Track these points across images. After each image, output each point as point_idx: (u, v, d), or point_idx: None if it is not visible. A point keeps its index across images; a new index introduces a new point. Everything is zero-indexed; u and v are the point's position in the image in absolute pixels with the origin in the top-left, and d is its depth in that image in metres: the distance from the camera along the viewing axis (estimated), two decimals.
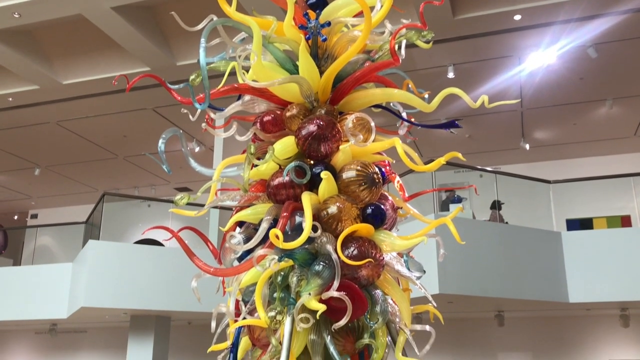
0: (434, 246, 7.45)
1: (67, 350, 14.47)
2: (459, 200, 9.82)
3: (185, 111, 2.88)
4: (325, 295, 2.19)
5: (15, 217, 18.60)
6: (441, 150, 2.39)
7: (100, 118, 11.97)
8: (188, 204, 2.68)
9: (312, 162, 2.54)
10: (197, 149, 12.84)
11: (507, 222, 9.75)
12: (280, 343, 2.24)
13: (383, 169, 2.68)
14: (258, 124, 2.70)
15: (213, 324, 2.49)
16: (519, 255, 8.62)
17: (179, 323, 12.23)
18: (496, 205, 9.92)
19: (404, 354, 2.37)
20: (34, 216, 18.23)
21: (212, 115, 2.77)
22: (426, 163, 2.65)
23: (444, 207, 9.69)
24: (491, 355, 11.59)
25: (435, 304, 2.54)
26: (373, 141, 2.52)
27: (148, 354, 10.20)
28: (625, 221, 11.10)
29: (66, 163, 14.46)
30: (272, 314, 2.23)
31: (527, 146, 12.55)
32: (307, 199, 2.34)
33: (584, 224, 10.72)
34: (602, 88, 10.73)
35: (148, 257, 9.73)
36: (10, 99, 11.12)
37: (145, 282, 9.47)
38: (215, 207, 9.86)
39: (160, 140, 2.71)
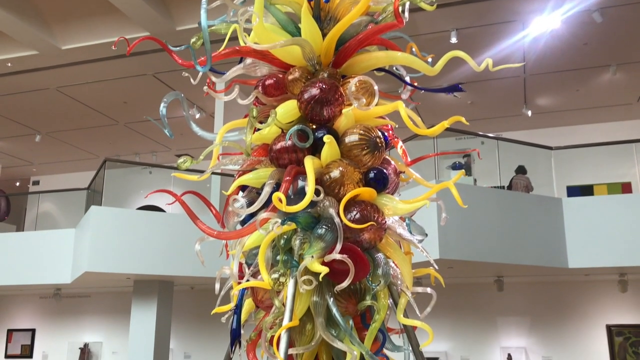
0: (434, 212, 7.49)
1: (72, 314, 14.68)
2: (460, 167, 9.81)
3: (187, 75, 2.86)
4: (328, 257, 2.21)
5: (17, 184, 18.65)
6: (443, 117, 2.39)
7: (100, 84, 11.89)
8: (190, 170, 2.68)
9: (314, 126, 2.53)
10: (197, 116, 12.79)
11: (532, 188, 9.83)
12: (283, 305, 2.27)
13: (386, 134, 2.67)
14: (260, 88, 2.68)
15: (217, 286, 2.52)
16: (519, 221, 8.66)
17: (182, 288, 12.38)
18: (522, 170, 9.95)
19: (405, 315, 2.40)
20: (36, 182, 18.27)
21: (213, 79, 2.75)
22: (429, 128, 2.64)
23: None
24: (490, 320, 11.74)
25: (436, 267, 2.56)
26: (376, 105, 2.50)
27: (151, 318, 10.35)
28: (626, 188, 11.12)
29: (67, 129, 14.43)
30: (276, 276, 2.25)
31: (529, 113, 12.49)
32: (309, 162, 2.34)
33: (585, 190, 10.74)
34: (606, 54, 10.61)
35: (151, 223, 9.79)
36: (9, 65, 11.03)
37: (148, 247, 9.55)
38: (217, 174, 9.89)
39: (162, 104, 2.69)
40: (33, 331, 15.00)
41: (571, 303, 11.36)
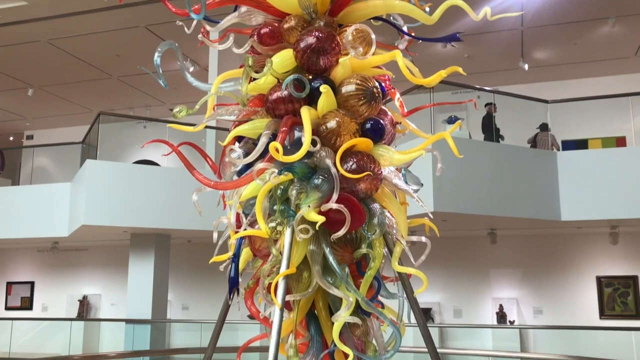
0: (429, 166, 7.52)
1: (70, 267, 14.85)
2: (455, 120, 9.80)
3: (181, 24, 2.81)
4: (325, 207, 2.23)
5: (11, 138, 18.54)
6: (439, 70, 2.36)
7: (92, 36, 11.69)
8: (185, 123, 2.67)
9: (310, 76, 2.51)
10: (191, 69, 12.63)
11: (559, 146, 9.88)
12: (281, 253, 2.30)
13: (383, 84, 2.65)
14: (255, 37, 2.64)
15: (214, 235, 2.55)
16: (513, 174, 8.72)
17: (179, 241, 12.49)
18: (546, 127, 9.95)
19: (400, 264, 2.44)
20: (30, 137, 18.17)
21: (207, 27, 2.71)
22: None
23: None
24: (483, 272, 11.95)
25: (432, 216, 2.59)
26: (373, 54, 2.48)
27: (149, 271, 10.49)
28: (620, 142, 11.14)
29: (59, 83, 14.26)
30: (273, 224, 2.28)
31: (526, 66, 12.39)
32: (306, 113, 2.34)
33: (580, 145, 10.77)
34: (605, 5, 10.46)
35: (147, 177, 9.81)
36: None
37: (144, 201, 9.59)
38: (212, 127, 9.85)
39: (156, 54, 2.65)
40: (32, 284, 15.21)
41: (562, 255, 11.55)
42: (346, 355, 2.30)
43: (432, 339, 2.49)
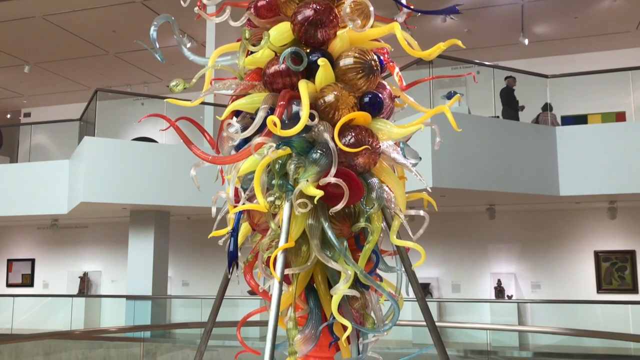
0: (428, 142, 7.51)
1: (70, 244, 14.91)
2: (454, 96, 9.76)
3: None
4: (323, 181, 2.23)
5: (8, 116, 18.47)
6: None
7: (87, 12, 11.58)
8: (182, 99, 2.65)
9: (308, 49, 2.49)
10: (188, 45, 12.54)
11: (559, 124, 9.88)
12: (279, 227, 2.31)
13: (381, 57, 2.63)
14: (252, 10, 2.61)
15: (213, 210, 2.55)
16: (512, 150, 8.71)
17: (178, 218, 12.53)
18: (548, 107, 9.94)
19: (399, 237, 2.45)
20: (27, 115, 18.11)
21: (204, 1, 2.67)
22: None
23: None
24: (481, 247, 12.01)
25: (430, 190, 2.59)
26: (371, 27, 2.46)
27: (149, 247, 10.54)
28: (620, 117, 11.13)
29: (56, 60, 14.16)
30: (271, 199, 2.28)
31: (526, 41, 12.30)
32: (304, 86, 2.32)
33: (579, 120, 10.75)
34: None
35: (145, 153, 9.80)
36: None
37: (143, 177, 9.60)
38: (210, 104, 9.80)
39: (152, 27, 2.63)
40: (33, 261, 15.29)
41: (561, 230, 11.61)
42: (345, 328, 2.32)
43: (431, 312, 2.51)
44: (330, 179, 2.21)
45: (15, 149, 14.01)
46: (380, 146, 2.41)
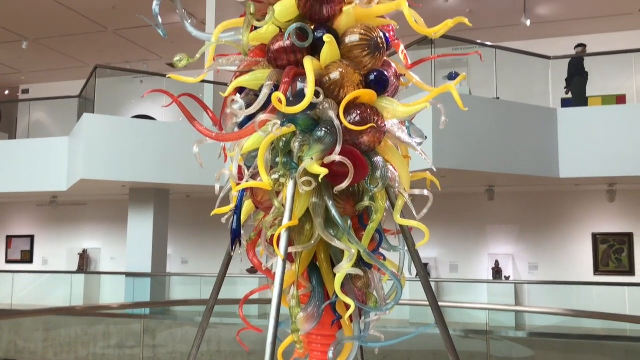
0: (430, 121, 7.47)
1: (69, 221, 14.93)
2: (456, 76, 9.70)
3: None
4: (328, 159, 2.22)
5: (6, 92, 18.36)
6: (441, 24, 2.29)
7: None
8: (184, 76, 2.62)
9: (313, 25, 2.46)
10: (188, 22, 12.42)
11: None
12: (283, 205, 2.30)
13: (387, 35, 2.60)
14: None
15: (216, 187, 2.54)
16: (513, 131, 8.69)
17: (178, 196, 12.53)
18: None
19: (402, 217, 2.44)
20: (25, 91, 18.00)
21: None
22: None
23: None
24: (480, 227, 12.05)
25: (435, 170, 2.58)
26: (378, 3, 2.42)
27: (148, 225, 10.55)
28: (620, 100, 11.10)
29: (54, 36, 14.03)
30: (276, 177, 2.26)
31: (528, 22, 12.21)
32: (309, 63, 2.29)
33: (579, 103, 10.71)
34: None
35: (145, 131, 9.76)
36: None
37: (142, 155, 9.57)
38: (210, 82, 9.74)
39: (155, 2, 2.59)
40: (32, 237, 15.31)
41: (559, 212, 11.64)
42: (347, 306, 2.33)
43: (433, 291, 2.52)
44: (336, 157, 2.19)
45: (13, 126, 13.95)
46: (385, 125, 2.40)
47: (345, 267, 2.27)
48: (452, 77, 9.86)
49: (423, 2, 2.83)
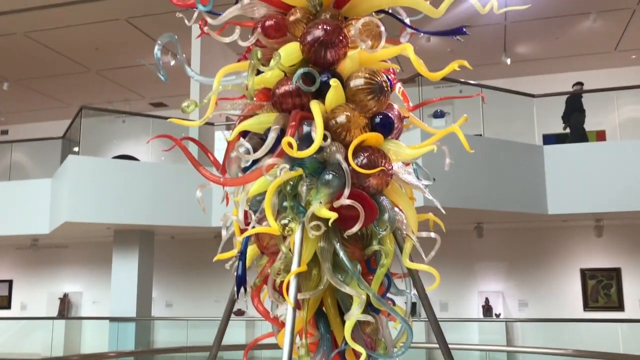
0: (419, 159, 7.49)
1: (50, 265, 14.59)
2: (441, 114, 9.82)
3: (181, 15, 2.74)
4: (338, 203, 2.19)
5: None
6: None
7: (70, 29, 11.46)
8: (182, 119, 2.59)
9: (317, 69, 2.46)
10: (172, 63, 12.46)
11: None
12: (291, 251, 2.25)
13: (390, 78, 2.61)
14: (260, 29, 2.58)
15: (223, 233, 2.49)
16: (501, 168, 8.76)
17: (163, 238, 12.34)
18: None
19: (411, 260, 2.41)
20: (5, 132, 17.79)
21: (209, 20, 2.63)
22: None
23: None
24: (469, 266, 12.02)
25: (444, 211, 2.57)
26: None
27: (133, 267, 10.34)
28: (600, 136, 11.29)
29: (36, 77, 13.97)
30: (285, 221, 2.22)
31: (509, 61, 12.47)
32: (316, 107, 2.29)
33: (560, 138, 10.88)
34: (587, 1, 10.59)
35: (129, 172, 9.65)
36: None
37: (128, 196, 9.44)
38: (210, 124, 9.71)
39: (156, 47, 2.59)
40: (10, 282, 14.91)
41: (548, 248, 11.67)
42: (357, 354, 2.26)
43: (444, 335, 2.47)
44: (346, 200, 2.16)
45: None
46: (392, 167, 2.39)
47: (356, 314, 2.22)
48: (437, 115, 9.97)
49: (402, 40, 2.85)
